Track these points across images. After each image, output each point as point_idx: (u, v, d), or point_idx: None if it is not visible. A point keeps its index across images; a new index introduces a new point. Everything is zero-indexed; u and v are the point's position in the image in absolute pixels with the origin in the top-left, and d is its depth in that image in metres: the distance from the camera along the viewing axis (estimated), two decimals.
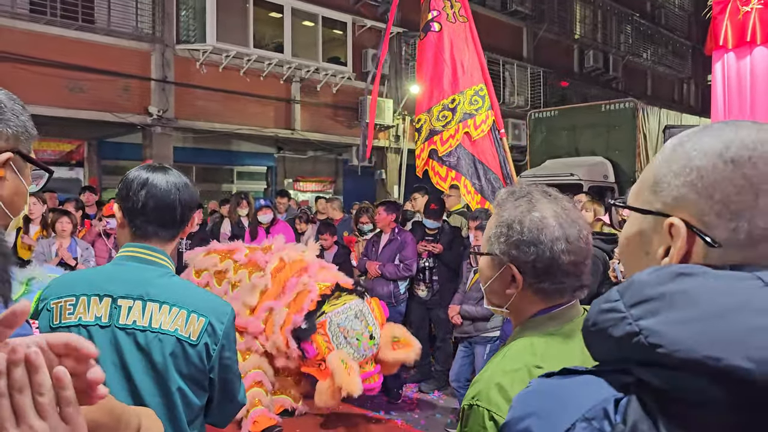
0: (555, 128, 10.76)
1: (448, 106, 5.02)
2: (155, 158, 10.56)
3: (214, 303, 1.62)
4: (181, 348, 1.51)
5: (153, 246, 1.61)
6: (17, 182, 1.10)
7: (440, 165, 5.08)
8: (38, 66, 9.08)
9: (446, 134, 5.03)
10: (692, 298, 0.66)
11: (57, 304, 1.54)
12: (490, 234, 1.38)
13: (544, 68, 16.71)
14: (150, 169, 1.64)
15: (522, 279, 1.32)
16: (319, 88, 12.65)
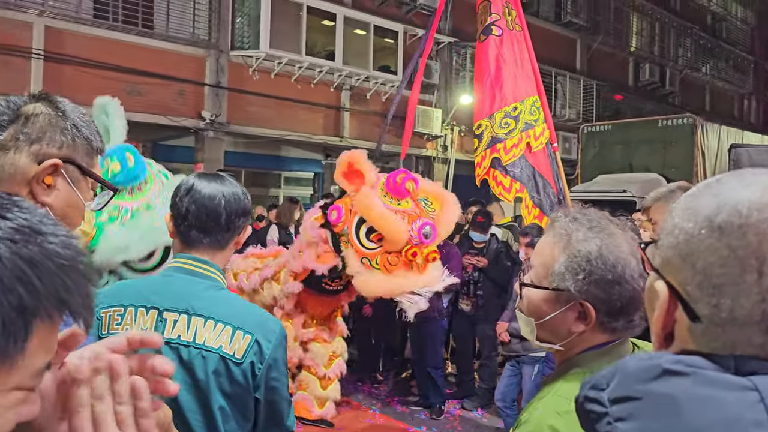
0: (608, 143, 10.51)
1: (510, 114, 4.81)
2: (206, 162, 10.75)
3: (262, 319, 1.55)
4: (224, 366, 1.45)
5: (201, 257, 1.56)
6: (70, 194, 1.08)
7: (504, 175, 4.82)
8: (99, 69, 9.36)
9: (509, 143, 4.79)
10: (676, 407, 0.59)
11: (106, 313, 1.51)
12: (559, 267, 1.23)
13: (597, 81, 16.37)
14: (200, 176, 1.61)
15: (595, 317, 1.21)
16: (369, 97, 12.67)
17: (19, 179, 1.02)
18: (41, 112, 1.06)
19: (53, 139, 1.05)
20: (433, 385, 5.52)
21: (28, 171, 1.03)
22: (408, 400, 5.82)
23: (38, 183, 1.04)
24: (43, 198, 1.04)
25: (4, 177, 1.02)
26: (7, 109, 1.06)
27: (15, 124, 1.04)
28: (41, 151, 1.04)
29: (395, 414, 5.48)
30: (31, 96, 1.10)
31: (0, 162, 1.03)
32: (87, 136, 1.11)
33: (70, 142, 1.07)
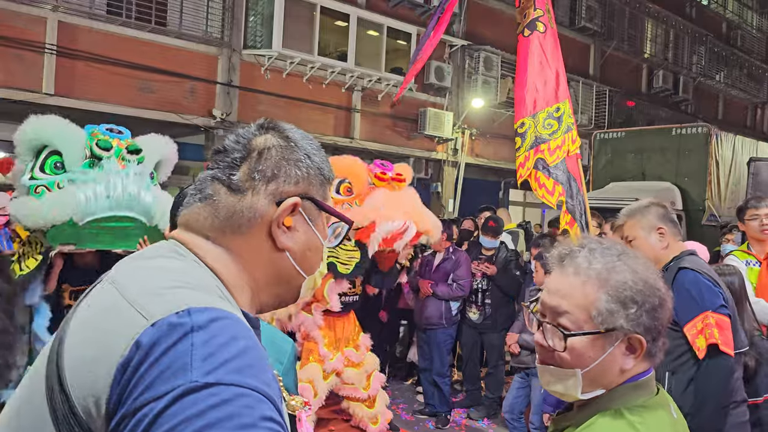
0: (621, 150, 10.40)
1: (554, 114, 4.61)
2: None
3: (275, 338, 1.49)
4: None
5: None
6: (310, 234, 0.97)
7: (547, 177, 4.58)
8: (111, 66, 9.36)
9: (553, 144, 4.58)
10: None
11: None
12: (606, 305, 1.15)
13: (610, 87, 16.25)
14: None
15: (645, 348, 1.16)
16: (380, 98, 12.62)
17: (258, 224, 0.92)
18: (273, 145, 0.95)
19: (288, 174, 0.94)
20: (439, 394, 5.46)
21: (268, 214, 0.92)
22: (413, 409, 5.76)
23: (279, 226, 0.93)
24: (285, 243, 0.94)
25: (242, 223, 0.92)
26: (237, 145, 0.95)
27: (248, 161, 0.94)
28: (279, 189, 0.93)
29: (401, 422, 5.42)
30: (259, 127, 0.99)
31: (237, 207, 0.92)
32: (319, 166, 1.00)
33: (305, 176, 0.96)
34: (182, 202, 1.44)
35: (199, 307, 0.74)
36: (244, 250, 0.92)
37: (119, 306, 0.77)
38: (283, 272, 0.95)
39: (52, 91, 8.97)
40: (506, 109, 14.14)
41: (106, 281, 0.85)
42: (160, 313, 0.73)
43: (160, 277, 0.82)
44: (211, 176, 0.95)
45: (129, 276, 0.83)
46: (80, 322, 0.79)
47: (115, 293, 0.80)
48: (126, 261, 0.90)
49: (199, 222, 0.93)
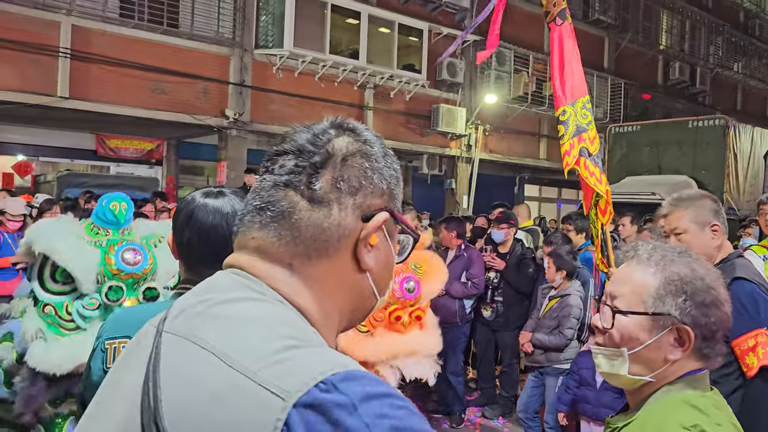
0: (637, 144, 10.29)
1: (587, 105, 4.53)
2: (230, 159, 10.78)
3: None
4: None
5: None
6: (388, 251, 0.85)
7: (594, 165, 4.40)
8: (125, 68, 9.42)
9: (591, 133, 4.45)
10: None
11: (111, 345, 1.42)
12: (657, 291, 1.23)
13: (625, 80, 16.08)
14: (201, 200, 1.45)
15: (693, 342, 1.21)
16: (393, 96, 12.59)
17: (346, 244, 0.79)
18: (357, 150, 0.81)
19: (374, 184, 0.81)
20: (453, 392, 5.43)
21: (356, 231, 0.79)
22: (427, 407, 5.74)
23: (366, 245, 0.80)
24: (369, 263, 0.81)
25: (331, 244, 0.78)
26: (314, 146, 0.80)
27: (330, 167, 0.79)
28: (365, 202, 0.80)
29: None
30: (336, 126, 0.83)
31: (325, 224, 0.78)
32: (397, 175, 0.87)
33: (387, 186, 0.83)
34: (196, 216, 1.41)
35: (335, 373, 0.64)
36: (330, 276, 0.79)
37: (235, 382, 0.65)
38: (361, 296, 0.83)
39: (67, 95, 9.06)
40: (519, 104, 14.05)
41: (178, 336, 0.73)
42: (295, 388, 0.63)
43: (261, 334, 0.69)
44: (281, 183, 0.79)
45: (221, 334, 0.70)
46: (181, 399, 0.67)
47: (217, 362, 0.67)
48: (195, 307, 0.76)
49: (277, 246, 0.78)
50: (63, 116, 9.75)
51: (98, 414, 0.79)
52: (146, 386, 0.70)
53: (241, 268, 0.79)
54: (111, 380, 0.81)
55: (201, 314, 0.74)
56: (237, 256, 0.81)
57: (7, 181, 12.02)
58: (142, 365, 0.73)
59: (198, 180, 13.64)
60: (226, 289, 0.77)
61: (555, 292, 4.41)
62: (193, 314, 0.75)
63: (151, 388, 0.69)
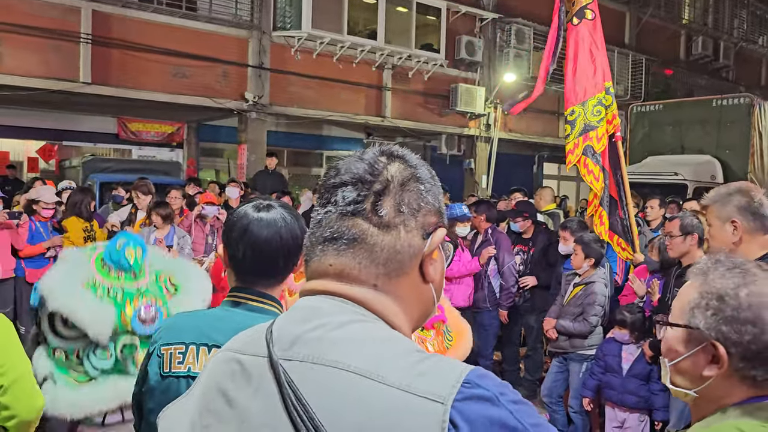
0: (659, 123, 10.16)
1: (602, 101, 4.71)
2: (249, 142, 10.83)
3: None
4: None
5: (261, 291, 1.51)
6: (442, 261, 0.94)
7: (594, 163, 4.73)
8: (145, 52, 9.48)
9: (600, 131, 4.71)
10: None
11: (167, 350, 1.46)
12: (690, 303, 1.23)
13: (647, 56, 15.81)
14: (255, 209, 1.51)
15: (728, 361, 1.17)
16: (411, 75, 12.53)
17: (415, 261, 0.87)
18: (411, 176, 0.89)
19: (429, 205, 0.89)
20: None
21: (421, 248, 0.87)
22: None
23: (429, 260, 0.88)
24: (433, 275, 0.90)
25: (405, 262, 0.86)
26: (372, 176, 0.86)
27: (389, 194, 0.86)
28: (426, 221, 0.88)
29: None
30: (386, 155, 0.90)
31: (398, 246, 0.85)
32: (441, 192, 0.95)
33: (438, 205, 0.92)
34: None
35: (469, 373, 0.74)
36: (405, 291, 0.87)
37: (395, 397, 0.73)
38: (427, 305, 0.92)
39: (89, 80, 9.14)
40: None
41: (307, 362, 0.78)
42: (447, 392, 0.72)
43: (391, 351, 0.78)
44: (348, 213, 0.85)
45: (356, 356, 0.77)
46: (345, 420, 0.74)
47: (369, 382, 0.74)
48: (310, 333, 0.81)
49: (358, 270, 0.84)
50: (85, 101, 9.85)
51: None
52: (294, 415, 0.75)
53: (332, 293, 0.85)
54: (206, 423, 0.85)
55: (322, 339, 0.80)
56: (322, 282, 0.87)
57: (32, 165, 12.21)
58: (264, 397, 0.79)
59: (218, 162, 13.74)
60: (331, 313, 0.83)
61: (580, 279, 4.43)
62: (314, 339, 0.80)
63: (303, 416, 0.74)
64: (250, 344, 0.87)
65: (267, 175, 9.42)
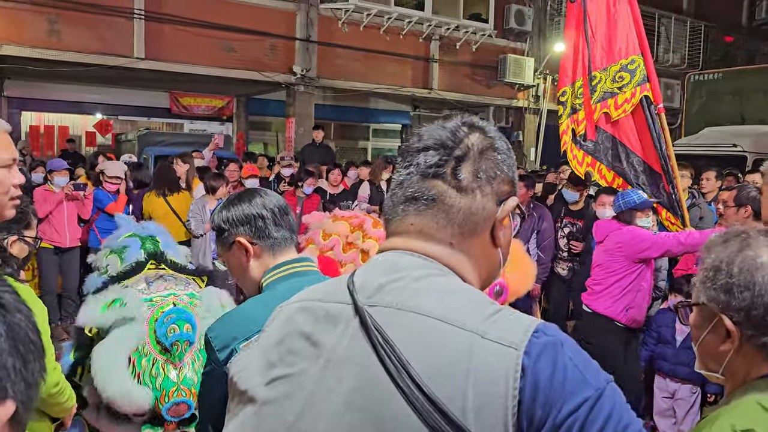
0: (717, 93, 9.79)
1: (590, 84, 4.61)
2: (297, 115, 10.94)
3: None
4: None
5: (301, 256, 1.59)
6: (510, 229, 1.00)
7: (577, 148, 4.72)
8: (197, 27, 9.62)
9: (581, 114, 4.66)
10: None
11: (247, 345, 1.35)
12: (697, 280, 1.23)
13: (706, 22, 15.15)
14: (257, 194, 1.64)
15: (737, 332, 1.15)
16: (459, 47, 12.36)
17: (488, 224, 0.94)
18: (489, 146, 0.95)
19: (504, 174, 0.95)
20: None
21: (494, 213, 0.94)
22: None
23: (500, 225, 0.95)
24: (502, 240, 0.97)
25: (478, 224, 0.93)
26: (453, 142, 0.93)
27: (469, 160, 0.93)
28: (499, 189, 0.94)
29: None
30: (466, 125, 0.96)
31: (473, 207, 0.92)
32: (515, 165, 1.01)
33: (512, 175, 0.98)
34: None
35: (537, 324, 0.82)
36: (477, 251, 0.94)
37: (473, 341, 0.80)
38: (494, 267, 0.98)
39: (143, 55, 9.36)
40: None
41: (391, 308, 0.85)
42: (519, 339, 0.79)
43: (468, 301, 0.86)
44: (429, 175, 0.92)
45: (436, 304, 0.84)
46: (429, 359, 0.80)
47: (449, 327, 0.82)
48: (393, 283, 0.88)
49: (437, 229, 0.92)
50: (139, 76, 10.10)
51: (296, 389, 0.88)
52: (382, 354, 0.82)
53: (412, 250, 0.93)
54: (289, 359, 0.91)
55: (404, 288, 0.87)
56: (402, 240, 0.94)
57: (90, 139, 12.64)
58: (350, 339, 0.86)
59: (267, 135, 13.93)
60: (410, 267, 0.90)
61: None
62: (397, 289, 0.87)
63: (391, 355, 0.82)
64: (331, 294, 0.93)
65: (314, 148, 9.50)
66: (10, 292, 0.64)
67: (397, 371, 0.80)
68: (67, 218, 5.82)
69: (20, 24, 8.59)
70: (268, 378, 0.91)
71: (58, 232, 5.76)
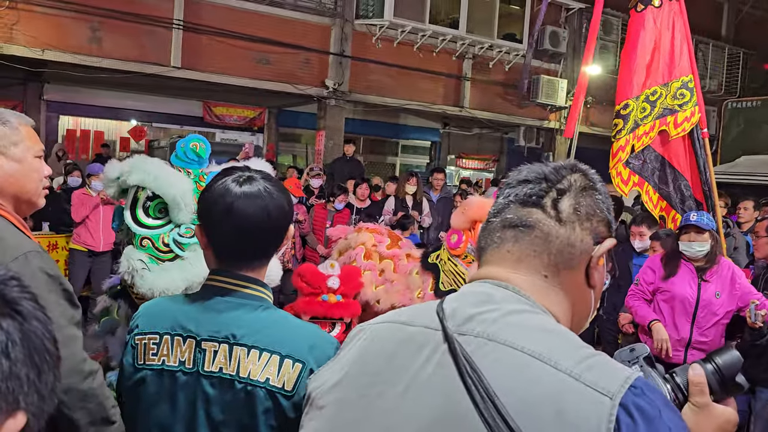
0: (756, 120, 9.62)
1: (649, 98, 4.39)
2: (328, 129, 11.00)
3: (313, 342, 1.29)
4: (273, 401, 1.23)
5: (244, 274, 1.34)
6: (603, 273, 0.99)
7: (623, 165, 4.45)
8: (233, 39, 9.77)
9: (641, 130, 4.40)
10: None
11: (141, 340, 1.35)
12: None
13: (744, 49, 14.90)
14: (236, 183, 1.32)
15: None
16: (491, 66, 12.33)
17: (583, 260, 0.93)
18: (589, 186, 0.96)
19: (602, 215, 0.95)
20: None
21: (590, 250, 0.93)
22: None
23: (596, 264, 0.94)
24: (596, 280, 0.95)
25: (574, 257, 0.92)
26: (556, 177, 0.96)
27: (569, 194, 0.94)
28: (596, 228, 0.94)
29: None
30: (569, 167, 0.99)
31: (571, 239, 0.92)
32: (611, 207, 1.01)
33: (610, 219, 0.97)
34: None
35: (636, 379, 0.79)
36: (571, 286, 0.93)
37: (566, 382, 0.78)
38: (586, 309, 0.96)
39: (179, 65, 9.52)
40: None
41: (481, 338, 0.84)
42: (616, 389, 0.76)
43: (563, 341, 0.83)
44: (530, 203, 0.93)
45: (529, 340, 0.82)
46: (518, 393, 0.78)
47: (541, 365, 0.79)
48: (485, 315, 0.87)
49: (532, 258, 0.92)
50: (174, 85, 10.27)
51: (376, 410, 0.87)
52: (469, 383, 0.80)
53: (507, 281, 0.92)
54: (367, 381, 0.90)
55: (496, 321, 0.86)
56: (496, 269, 0.94)
57: (124, 144, 12.87)
58: (436, 365, 0.85)
59: (297, 147, 14.03)
60: (503, 301, 0.89)
61: None
62: (489, 320, 0.86)
63: (478, 385, 0.80)
64: (418, 317, 0.92)
65: (345, 162, 9.54)
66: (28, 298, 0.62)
67: (483, 402, 0.78)
68: (103, 222, 5.91)
69: (63, 30, 8.82)
70: (345, 395, 0.91)
71: (93, 236, 5.85)
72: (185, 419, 1.28)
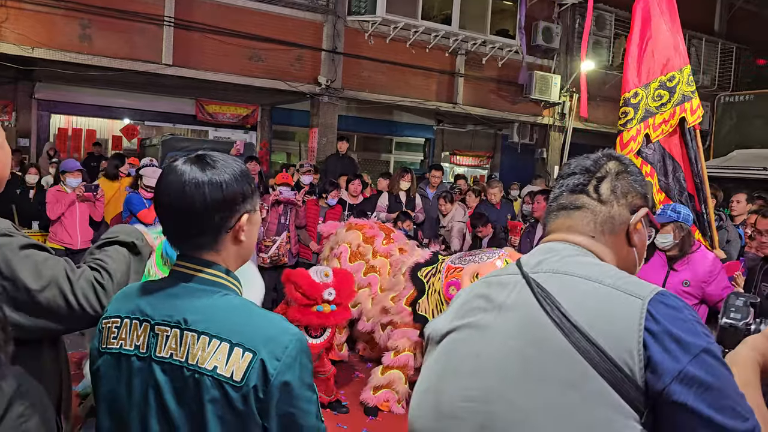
0: (748, 115, 9.61)
1: (666, 84, 4.26)
2: (321, 126, 10.96)
3: (272, 333, 1.23)
4: (221, 391, 1.18)
5: (199, 257, 1.30)
6: (645, 236, 1.30)
7: (635, 155, 4.28)
8: (225, 36, 9.71)
9: (659, 118, 4.27)
10: None
11: (106, 324, 1.33)
12: None
13: (737, 44, 14.93)
14: (183, 162, 1.28)
15: None
16: (485, 62, 12.31)
17: (623, 227, 1.25)
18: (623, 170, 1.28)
19: (636, 191, 1.27)
20: None
21: (627, 219, 1.25)
22: None
23: (633, 229, 1.26)
24: (636, 241, 1.27)
25: (615, 225, 1.25)
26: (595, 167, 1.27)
27: (607, 180, 1.26)
28: (632, 202, 1.26)
29: None
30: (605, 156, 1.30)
31: (611, 213, 1.25)
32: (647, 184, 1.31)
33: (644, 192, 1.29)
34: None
35: (662, 290, 1.07)
36: (614, 245, 1.25)
37: (609, 291, 1.08)
38: (629, 263, 1.27)
39: (171, 62, 9.47)
40: (618, 71, 13.36)
41: (550, 272, 1.16)
42: (646, 293, 1.06)
43: (605, 268, 1.15)
44: (577, 190, 1.27)
45: (583, 269, 1.14)
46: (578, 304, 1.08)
47: (590, 282, 1.11)
48: (550, 258, 1.20)
49: (582, 226, 1.25)
50: (166, 82, 10.22)
51: (481, 335, 1.18)
52: (540, 298, 1.12)
53: (563, 240, 1.25)
54: (477, 319, 1.20)
55: (558, 261, 1.19)
56: (555, 235, 1.28)
57: (116, 143, 12.81)
58: (518, 294, 1.16)
59: (290, 145, 13.99)
60: (561, 250, 1.22)
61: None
62: (553, 261, 1.19)
63: (546, 298, 1.11)
64: (503, 270, 1.26)
65: (338, 159, 9.50)
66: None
67: (551, 308, 1.09)
68: (79, 220, 5.81)
69: (52, 28, 8.75)
70: (457, 324, 1.22)
71: (70, 234, 5.75)
72: (139, 406, 1.25)
